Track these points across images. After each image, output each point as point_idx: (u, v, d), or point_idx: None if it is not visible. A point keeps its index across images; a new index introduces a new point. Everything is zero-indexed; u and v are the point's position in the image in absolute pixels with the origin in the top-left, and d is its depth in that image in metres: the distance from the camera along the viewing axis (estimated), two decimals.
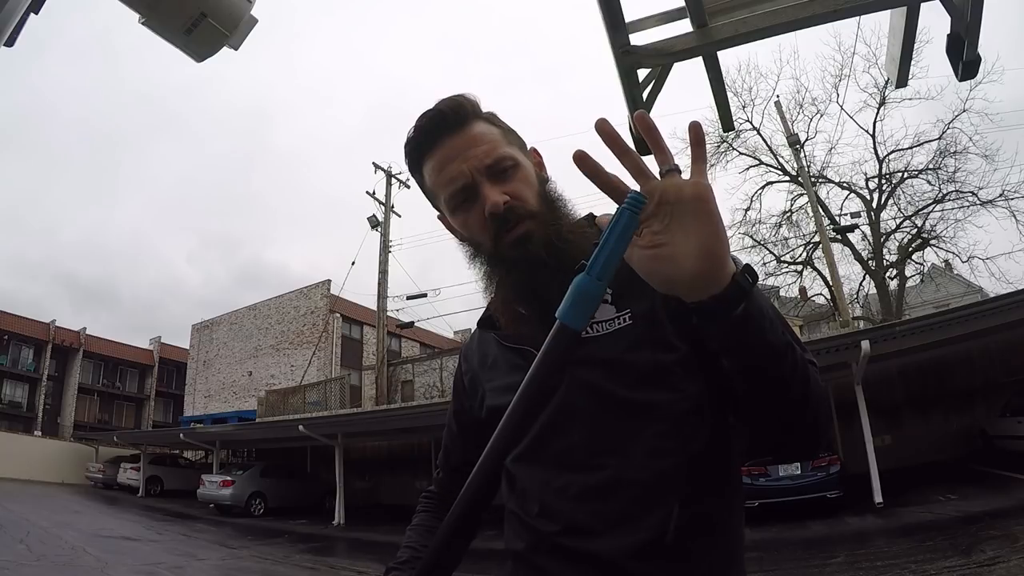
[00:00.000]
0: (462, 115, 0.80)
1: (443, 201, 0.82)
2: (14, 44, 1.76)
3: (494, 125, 0.83)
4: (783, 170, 18.21)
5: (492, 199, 0.76)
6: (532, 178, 0.82)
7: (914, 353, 9.71)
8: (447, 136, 0.79)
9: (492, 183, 0.78)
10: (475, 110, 0.82)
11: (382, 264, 18.67)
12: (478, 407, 0.88)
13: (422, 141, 0.81)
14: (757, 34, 1.97)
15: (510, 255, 0.77)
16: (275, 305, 26.82)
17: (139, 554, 8.49)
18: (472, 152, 0.78)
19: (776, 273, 18.75)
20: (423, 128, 0.81)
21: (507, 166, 0.79)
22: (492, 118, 0.84)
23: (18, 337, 30.91)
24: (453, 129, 0.79)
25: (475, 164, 0.78)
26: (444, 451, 1.01)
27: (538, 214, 0.78)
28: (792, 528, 8.10)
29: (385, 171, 19.29)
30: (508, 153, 0.80)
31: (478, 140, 0.79)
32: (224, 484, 15.08)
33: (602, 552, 0.70)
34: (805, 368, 0.63)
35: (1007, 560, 4.94)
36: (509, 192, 0.77)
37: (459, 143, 0.79)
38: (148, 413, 35.31)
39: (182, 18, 1.72)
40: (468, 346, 0.96)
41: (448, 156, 0.79)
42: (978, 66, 2.02)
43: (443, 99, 0.81)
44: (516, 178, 0.79)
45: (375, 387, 19.93)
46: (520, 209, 0.77)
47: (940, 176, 16.54)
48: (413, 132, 0.82)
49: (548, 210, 0.79)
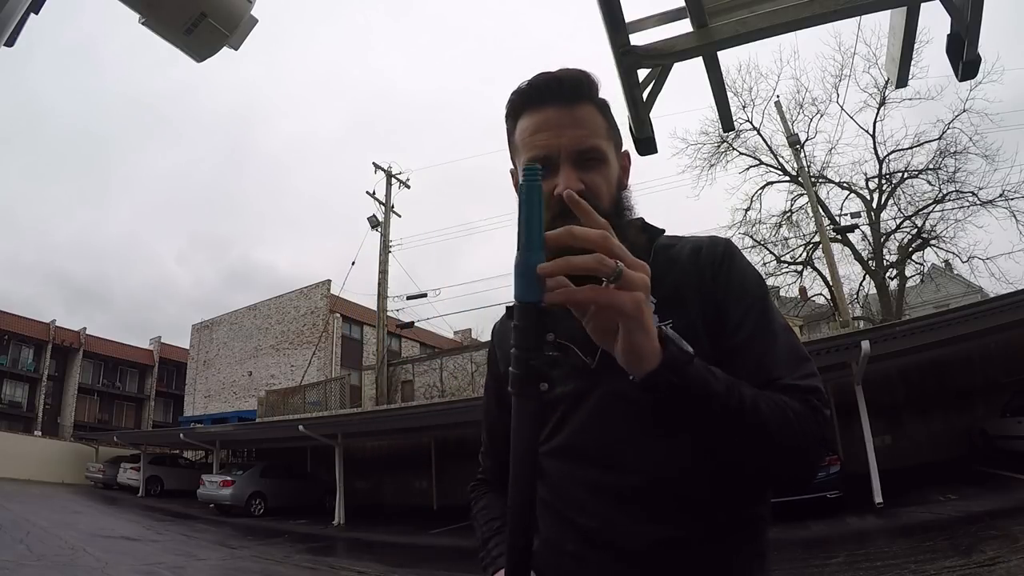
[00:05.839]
0: (578, 91, 0.80)
1: (522, 160, 0.82)
2: (14, 44, 1.76)
3: (602, 115, 0.82)
4: (783, 170, 18.23)
5: (567, 182, 0.76)
6: (613, 179, 0.82)
7: (914, 353, 9.70)
8: (555, 105, 0.79)
9: (574, 168, 0.77)
10: (592, 92, 0.81)
11: (382, 264, 18.68)
12: None
13: (530, 96, 0.81)
14: (757, 34, 1.97)
15: None
16: (275, 305, 26.84)
17: (139, 554, 8.50)
18: (570, 131, 0.78)
19: (776, 273, 18.77)
20: (536, 86, 0.80)
21: (595, 157, 0.79)
22: (604, 106, 0.83)
23: (18, 337, 30.92)
24: (563, 101, 0.79)
25: (567, 143, 0.78)
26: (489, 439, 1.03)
27: (605, 214, 0.75)
28: (792, 528, 8.10)
29: (385, 171, 19.29)
30: (601, 147, 0.80)
31: (580, 122, 0.79)
32: (224, 484, 15.08)
33: (635, 546, 0.74)
34: (782, 417, 0.67)
35: (1007, 560, 4.94)
36: (587, 182, 0.77)
37: (563, 117, 0.79)
38: (148, 413, 35.32)
39: (182, 18, 1.72)
40: (499, 333, 0.99)
41: (546, 123, 0.79)
42: (978, 66, 2.01)
43: (568, 68, 0.81)
44: (598, 173, 0.79)
45: (375, 387, 19.93)
46: (591, 202, 0.74)
47: (940, 176, 16.57)
48: (525, 85, 0.81)
49: (615, 215, 0.79)
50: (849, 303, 17.31)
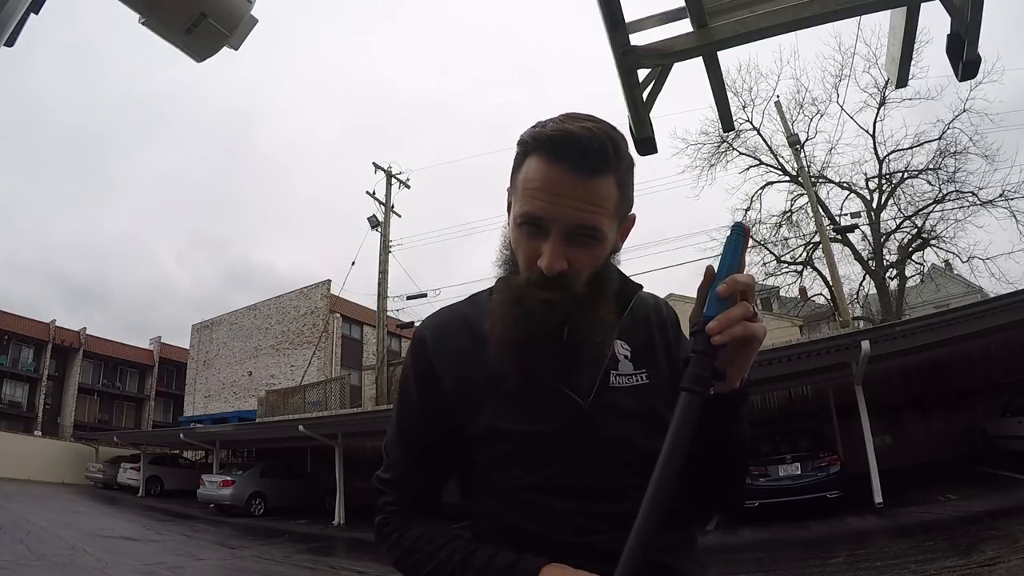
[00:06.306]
0: (599, 165, 0.75)
1: (516, 208, 0.80)
2: (14, 44, 1.76)
3: (618, 187, 0.78)
4: (783, 170, 18.24)
5: (551, 261, 0.75)
6: (602, 257, 0.81)
7: (914, 353, 9.70)
8: (571, 170, 0.74)
9: (564, 242, 0.76)
10: (615, 162, 0.77)
11: (382, 264, 18.67)
12: (466, 419, 0.85)
13: (549, 148, 0.75)
14: (757, 34, 1.98)
15: (529, 305, 0.77)
16: (275, 305, 26.83)
17: (139, 554, 8.50)
18: (573, 204, 0.75)
19: (776, 273, 18.80)
20: (557, 142, 0.75)
21: (590, 235, 0.77)
22: (623, 175, 0.79)
23: (18, 337, 30.93)
24: (581, 169, 0.74)
25: (566, 215, 0.75)
26: (406, 459, 0.89)
27: (579, 297, 0.78)
28: (792, 528, 8.11)
29: (385, 171, 19.29)
30: (601, 226, 0.77)
31: (589, 198, 0.75)
32: (224, 484, 15.09)
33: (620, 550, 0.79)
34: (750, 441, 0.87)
35: (1007, 560, 4.94)
36: (571, 260, 0.76)
37: (573, 187, 0.74)
38: (148, 413, 35.33)
39: (182, 18, 1.72)
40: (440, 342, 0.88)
41: (553, 186, 0.75)
42: (978, 66, 2.02)
43: (599, 126, 0.76)
44: (587, 251, 0.78)
45: (375, 387, 19.93)
46: (567, 282, 0.77)
47: (940, 176, 16.58)
48: (549, 131, 0.76)
49: (590, 294, 0.79)
50: (849, 303, 17.32)
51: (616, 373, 0.85)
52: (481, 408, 0.84)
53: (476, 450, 0.85)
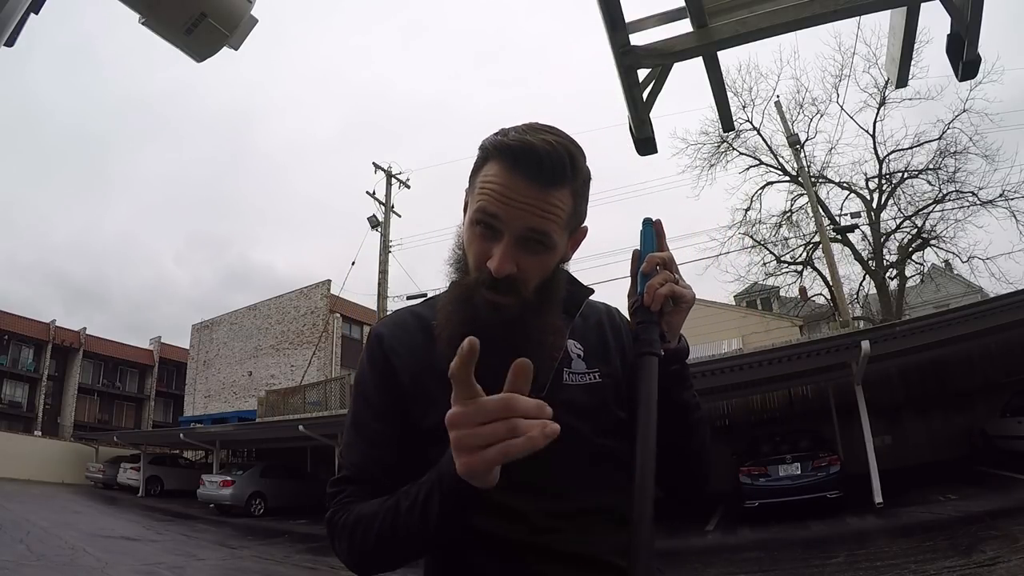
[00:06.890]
0: (556, 178, 0.77)
1: (472, 206, 0.82)
2: (14, 44, 1.76)
3: (573, 198, 0.81)
4: (783, 170, 18.24)
5: (500, 263, 0.76)
6: (551, 264, 0.83)
7: (914, 353, 9.70)
8: (527, 179, 0.77)
9: (514, 246, 0.78)
10: (572, 175, 0.79)
11: (382, 264, 18.68)
12: (420, 415, 0.83)
13: (507, 158, 0.78)
14: (757, 34, 1.97)
15: (477, 304, 0.79)
16: (275, 305, 26.83)
17: (139, 554, 8.50)
18: (526, 211, 0.77)
19: (776, 273, 18.81)
20: (515, 151, 0.77)
21: (540, 242, 0.79)
22: (579, 188, 0.82)
23: (18, 337, 30.91)
24: (537, 179, 0.77)
25: (518, 220, 0.77)
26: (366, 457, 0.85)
27: (526, 301, 0.80)
28: (792, 528, 8.11)
29: (385, 171, 19.29)
30: (552, 234, 0.79)
31: (542, 207, 0.77)
32: (224, 484, 15.10)
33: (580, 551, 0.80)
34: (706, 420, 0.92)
35: (1007, 560, 4.94)
36: (520, 265, 0.78)
37: (527, 195, 0.77)
38: (148, 413, 35.31)
39: (182, 18, 1.72)
40: (396, 338, 0.88)
41: (508, 192, 0.77)
42: (978, 66, 2.02)
43: (559, 140, 0.78)
44: (537, 257, 0.80)
45: None
46: (514, 286, 0.78)
47: (940, 176, 16.58)
48: (511, 142, 0.78)
49: (537, 300, 0.81)
50: (849, 303, 17.32)
51: (569, 371, 0.86)
52: (434, 403, 0.80)
53: (429, 446, 0.80)
